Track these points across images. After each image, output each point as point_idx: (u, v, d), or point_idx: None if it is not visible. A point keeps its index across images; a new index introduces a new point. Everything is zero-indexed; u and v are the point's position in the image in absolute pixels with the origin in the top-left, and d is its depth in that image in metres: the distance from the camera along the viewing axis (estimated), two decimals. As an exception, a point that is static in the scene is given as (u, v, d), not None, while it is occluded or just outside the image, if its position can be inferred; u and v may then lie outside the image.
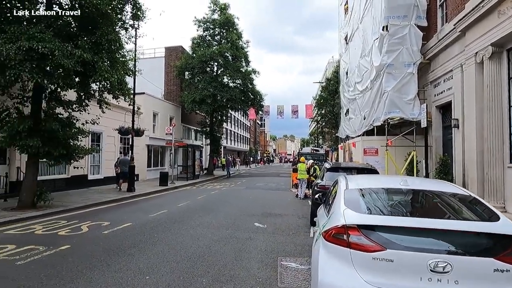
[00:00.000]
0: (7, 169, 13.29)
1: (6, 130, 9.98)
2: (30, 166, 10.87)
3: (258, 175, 34.44)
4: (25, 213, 10.16)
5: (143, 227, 8.73)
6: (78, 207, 11.88)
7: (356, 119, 19.44)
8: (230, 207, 12.44)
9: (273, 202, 14.18)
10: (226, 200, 14.77)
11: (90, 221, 9.37)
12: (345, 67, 23.51)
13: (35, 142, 10.00)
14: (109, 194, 15.73)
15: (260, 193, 17.64)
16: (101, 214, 10.68)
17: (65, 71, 9.77)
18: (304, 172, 15.14)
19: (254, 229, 8.61)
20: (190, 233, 8.07)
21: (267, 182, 25.56)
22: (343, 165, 10.03)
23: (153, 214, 10.74)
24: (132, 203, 13.55)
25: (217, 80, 29.51)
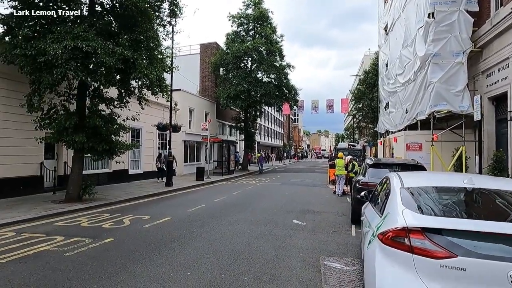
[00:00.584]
0: (55, 164, 14.01)
1: (54, 126, 10.47)
2: (76, 161, 11.35)
3: (293, 171, 34.07)
4: (72, 205, 10.62)
5: (182, 221, 8.80)
6: (120, 200, 12.28)
7: (396, 112, 18.54)
8: (267, 203, 12.30)
9: (310, 199, 13.87)
10: (262, 195, 14.65)
11: (132, 215, 9.60)
12: (384, 59, 22.49)
13: (80, 137, 10.39)
14: (148, 188, 16.16)
15: (296, 189, 17.35)
16: (142, 208, 10.94)
17: (107, 68, 10.05)
18: (342, 168, 14.65)
19: (293, 226, 8.39)
20: (228, 229, 8.01)
21: (303, 178, 25.18)
22: (387, 161, 9.52)
23: (191, 208, 10.83)
24: (171, 198, 13.81)
25: (251, 76, 29.42)
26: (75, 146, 10.67)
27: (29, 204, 10.60)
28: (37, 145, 12.74)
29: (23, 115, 12.02)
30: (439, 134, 13.25)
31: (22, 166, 12.29)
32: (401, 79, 17.51)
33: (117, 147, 11.59)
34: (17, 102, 11.83)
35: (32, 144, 12.55)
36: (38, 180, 13.03)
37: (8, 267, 5.20)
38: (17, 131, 12.00)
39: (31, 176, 12.73)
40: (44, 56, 9.24)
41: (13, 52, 9.54)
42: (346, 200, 13.71)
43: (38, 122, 11.00)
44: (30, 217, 8.83)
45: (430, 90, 13.02)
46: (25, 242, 6.62)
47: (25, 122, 12.21)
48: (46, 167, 13.30)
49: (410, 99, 15.66)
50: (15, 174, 12.03)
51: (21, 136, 12.15)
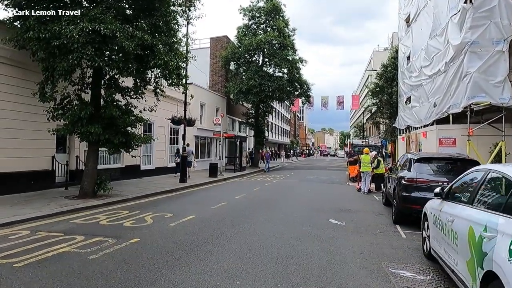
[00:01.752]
0: (67, 158, 13.34)
1: (68, 117, 9.75)
2: (91, 155, 10.65)
3: (304, 168, 33.29)
4: (87, 201, 9.93)
5: (209, 220, 8.06)
6: (137, 197, 11.57)
7: (421, 107, 17.66)
8: (293, 201, 11.54)
9: (336, 196, 13.10)
10: (284, 193, 13.89)
11: (152, 212, 8.88)
12: (405, 52, 21.56)
13: (96, 129, 9.68)
14: (163, 184, 15.46)
15: (317, 186, 16.58)
16: (161, 205, 10.23)
17: (125, 54, 9.30)
18: (368, 165, 13.84)
19: (332, 226, 7.62)
20: (263, 229, 7.26)
21: (317, 175, 24.38)
22: (434, 155, 8.71)
23: (214, 206, 10.09)
24: (188, 194, 13.08)
25: (263, 70, 28.61)
26: (90, 138, 9.96)
27: (42, 200, 9.91)
28: (49, 137, 12.06)
29: (34, 106, 11.33)
30: (475, 128, 12.39)
31: (33, 160, 11.62)
32: (427, 71, 16.63)
33: (133, 140, 10.86)
34: (28, 92, 11.12)
35: (44, 136, 11.87)
36: (50, 175, 12.36)
37: (26, 272, 4.48)
38: (28, 122, 11.32)
39: (43, 171, 12.05)
40: (58, 40, 8.51)
41: (25, 35, 8.82)
42: (374, 198, 12.92)
43: (51, 112, 10.30)
44: (45, 214, 8.13)
45: (467, 81, 12.17)
46: (42, 242, 5.91)
47: (36, 113, 11.52)
48: (58, 161, 12.62)
49: (440, 91, 14.79)
50: (26, 168, 11.36)
51: (32, 128, 11.46)
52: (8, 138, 10.65)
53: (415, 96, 19.24)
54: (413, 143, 16.12)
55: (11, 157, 10.82)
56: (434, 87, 15.62)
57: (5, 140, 10.59)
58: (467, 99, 12.09)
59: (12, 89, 10.80)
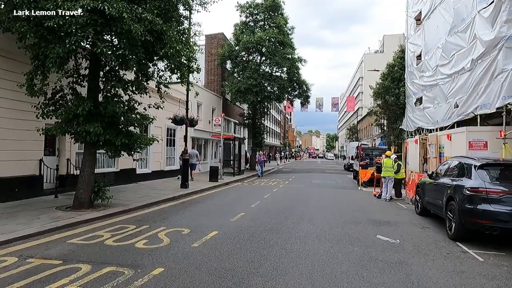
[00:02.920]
0: (56, 161, 11.75)
1: (62, 114, 8.24)
2: (88, 158, 9.15)
3: (302, 171, 32.14)
4: (84, 213, 8.43)
5: (236, 237, 6.74)
6: (138, 206, 10.11)
7: (437, 108, 16.72)
8: (316, 210, 10.29)
9: (359, 204, 11.96)
10: (300, 200, 12.63)
11: (164, 227, 7.48)
12: (414, 51, 20.69)
13: (96, 128, 8.21)
14: (163, 190, 14.00)
15: (330, 192, 15.41)
16: (170, 217, 8.82)
17: (131, 40, 7.87)
18: (390, 169, 12.76)
19: (387, 246, 6.41)
20: (309, 249, 5.99)
21: (321, 179, 23.26)
22: (498, 160, 7.62)
23: (233, 218, 8.75)
24: (195, 202, 11.68)
25: (263, 69, 27.38)
26: (88, 139, 8.47)
27: (29, 212, 8.36)
28: (36, 138, 10.49)
29: (20, 101, 9.77)
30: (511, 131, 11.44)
31: (18, 164, 10.02)
32: (445, 70, 15.70)
33: (137, 141, 9.41)
34: (13, 85, 9.55)
35: (30, 136, 10.31)
36: (37, 181, 10.75)
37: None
38: (12, 120, 9.73)
39: (29, 176, 10.45)
40: (53, 20, 7.04)
41: (11, 15, 7.32)
42: (399, 205, 11.83)
43: (41, 108, 8.78)
44: (35, 231, 6.64)
45: (502, 79, 11.20)
46: (35, 275, 4.48)
47: (23, 110, 9.95)
48: (46, 165, 11.02)
49: (463, 91, 13.85)
50: (9, 173, 9.75)
51: (17, 127, 9.88)
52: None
53: (428, 96, 18.33)
54: (432, 146, 15.14)
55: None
56: (455, 87, 14.68)
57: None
58: (503, 98, 11.12)
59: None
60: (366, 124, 58.32)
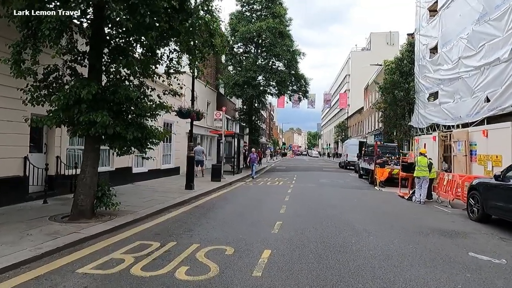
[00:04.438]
0: (44, 159, 9.80)
1: (60, 98, 6.40)
2: (90, 155, 7.33)
3: (298, 169, 30.70)
4: (87, 225, 6.66)
5: (300, 259, 5.20)
6: (149, 214, 8.37)
7: (460, 102, 15.72)
8: (359, 216, 8.85)
9: (395, 208, 10.68)
10: (328, 203, 11.17)
11: (197, 244, 5.85)
12: (428, 43, 19.68)
13: (104, 117, 6.43)
14: (167, 192, 12.25)
15: (350, 194, 14.07)
16: (195, 228, 7.16)
17: (151, 5, 6.12)
18: (426, 169, 11.52)
19: (499, 269, 5.04)
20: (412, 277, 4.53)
21: (326, 177, 21.94)
22: None
23: (272, 229, 7.20)
24: (210, 207, 10.01)
25: (262, 61, 25.80)
26: (93, 132, 6.66)
27: (16, 225, 6.50)
28: (20, 130, 8.59)
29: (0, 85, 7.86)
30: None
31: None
32: (472, 62, 14.67)
33: (150, 135, 7.66)
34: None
35: (13, 129, 8.39)
36: (21, 183, 8.78)
37: None
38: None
39: (11, 177, 8.48)
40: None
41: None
42: (440, 209, 10.63)
43: (29, 92, 6.90)
44: (29, 255, 4.85)
45: (555, 70, 10.16)
46: None
47: (3, 96, 8.02)
48: (32, 164, 9.07)
49: (497, 84, 12.84)
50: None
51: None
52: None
53: (446, 91, 17.34)
54: (460, 143, 14.08)
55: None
56: (485, 80, 13.66)
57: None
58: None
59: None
60: (356, 121, 57.78)
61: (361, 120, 53.98)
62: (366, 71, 60.51)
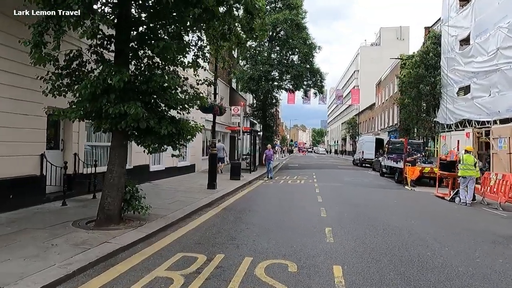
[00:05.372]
0: (61, 157, 8.97)
1: (87, 87, 5.52)
2: (118, 153, 6.48)
3: (312, 167, 29.70)
4: (117, 233, 5.81)
5: (383, 280, 4.33)
6: (180, 218, 7.53)
7: (498, 96, 14.72)
8: (412, 221, 7.95)
9: (442, 211, 9.76)
10: (366, 204, 10.28)
11: (250, 257, 4.98)
12: (457, 34, 18.63)
13: (137, 109, 5.55)
14: (189, 192, 11.42)
15: (383, 194, 13.18)
16: (238, 236, 6.30)
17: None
18: (472, 168, 10.58)
19: None
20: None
21: (347, 176, 21.00)
22: None
23: (325, 237, 6.33)
24: (241, 209, 9.12)
25: (278, 54, 24.80)
26: (123, 126, 5.79)
27: (37, 233, 5.66)
28: (37, 125, 7.80)
29: (14, 74, 7.03)
30: None
31: (12, 161, 7.23)
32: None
33: (184, 129, 6.78)
34: (6, 51, 6.79)
35: (30, 123, 7.57)
36: (37, 183, 7.96)
37: None
38: (4, 101, 6.92)
39: (27, 177, 7.65)
40: None
41: None
42: (491, 211, 9.69)
43: (51, 81, 6.04)
44: (59, 275, 4.00)
45: None
46: None
47: (18, 87, 7.19)
48: (49, 162, 8.23)
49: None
50: (0, 174, 6.97)
51: (11, 109, 7.09)
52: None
53: (479, 84, 16.32)
54: (503, 139, 13.11)
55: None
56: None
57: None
58: None
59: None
60: (366, 118, 56.64)
61: (372, 117, 52.83)
62: (377, 66, 59.42)
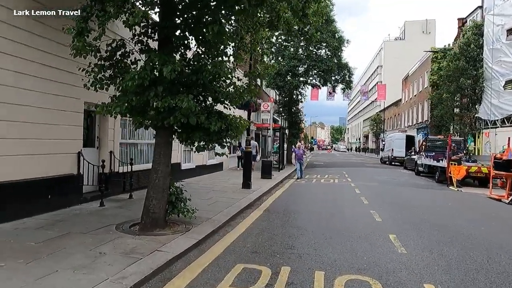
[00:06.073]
0: (97, 155, 8.59)
1: (134, 78, 5.00)
2: (163, 151, 5.95)
3: (337, 165, 28.51)
4: (165, 239, 5.28)
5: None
6: (226, 221, 6.97)
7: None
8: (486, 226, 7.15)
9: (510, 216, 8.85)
10: (421, 207, 9.46)
11: (321, 271, 4.37)
12: (504, 23, 17.35)
13: (189, 102, 4.99)
14: (225, 192, 10.88)
15: (429, 195, 12.32)
16: (296, 244, 5.67)
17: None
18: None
19: None
20: None
21: (379, 174, 20.06)
22: None
23: (395, 247, 5.62)
24: (283, 211, 8.47)
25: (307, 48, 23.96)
26: (172, 121, 5.25)
27: (80, 238, 5.19)
28: (74, 121, 7.41)
29: (51, 67, 6.63)
30: None
31: (49, 159, 6.85)
32: None
33: (233, 125, 6.18)
34: (45, 45, 6.39)
35: (67, 119, 7.19)
36: (74, 182, 7.57)
37: None
38: (42, 96, 6.52)
39: (64, 176, 7.27)
40: None
41: None
42: None
43: (93, 73, 5.57)
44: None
45: None
46: None
47: (55, 81, 6.79)
48: (87, 161, 7.83)
49: None
50: (38, 174, 6.58)
51: (48, 105, 6.70)
52: (3, 121, 5.86)
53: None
54: None
55: (10, 155, 6.03)
56: None
57: (1, 124, 5.80)
58: None
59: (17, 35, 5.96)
60: (391, 114, 54.89)
61: (398, 113, 51.11)
62: (401, 61, 57.42)
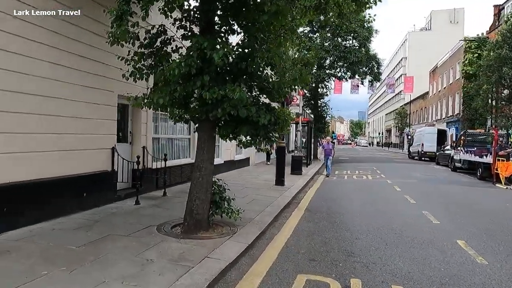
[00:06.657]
0: (130, 150, 8.23)
1: (180, 65, 4.50)
2: (207, 147, 5.44)
3: (365, 161, 27.57)
4: (212, 244, 4.80)
5: None
6: (269, 223, 6.44)
7: None
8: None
9: None
10: (478, 207, 8.67)
11: (397, 285, 3.76)
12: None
13: (241, 92, 4.46)
14: (259, 189, 10.36)
15: (477, 193, 11.46)
16: (354, 250, 5.09)
17: None
18: None
19: None
20: None
21: (412, 170, 19.05)
22: None
23: (472, 256, 4.96)
24: (324, 211, 7.87)
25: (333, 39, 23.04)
26: (220, 114, 4.74)
27: (123, 241, 4.77)
28: (108, 115, 7.02)
29: (85, 58, 6.24)
30: None
31: (84, 155, 6.49)
32: None
33: (281, 118, 5.61)
34: (79, 33, 6.00)
35: (100, 114, 6.79)
36: (107, 179, 7.22)
37: None
38: (76, 88, 6.15)
39: (99, 173, 6.92)
40: None
41: None
42: None
43: (132, 62, 5.11)
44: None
45: None
46: None
47: (89, 73, 6.40)
48: (121, 157, 7.46)
49: None
50: (72, 170, 6.23)
51: (83, 98, 6.33)
52: (35, 115, 5.49)
53: None
54: None
55: (44, 152, 5.68)
56: None
57: (33, 118, 5.43)
58: None
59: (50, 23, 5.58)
60: (417, 108, 52.97)
61: (424, 106, 49.25)
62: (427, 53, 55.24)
